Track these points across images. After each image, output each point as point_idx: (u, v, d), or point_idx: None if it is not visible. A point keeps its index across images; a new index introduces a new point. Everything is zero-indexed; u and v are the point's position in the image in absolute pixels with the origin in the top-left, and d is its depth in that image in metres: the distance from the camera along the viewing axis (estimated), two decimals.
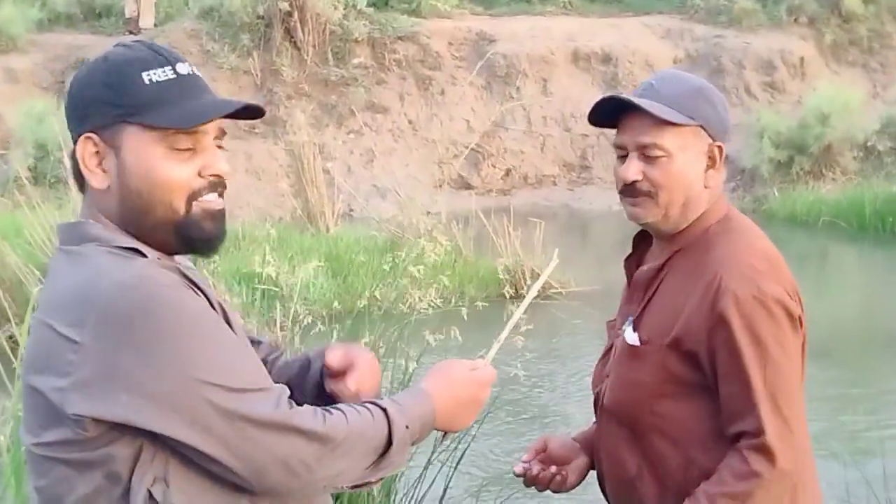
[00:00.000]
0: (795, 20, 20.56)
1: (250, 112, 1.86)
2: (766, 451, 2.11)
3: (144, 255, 1.73)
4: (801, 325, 2.27)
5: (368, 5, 19.32)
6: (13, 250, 8.35)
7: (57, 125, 12.84)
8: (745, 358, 2.13)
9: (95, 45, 18.44)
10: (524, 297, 2.35)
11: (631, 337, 2.28)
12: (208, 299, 1.77)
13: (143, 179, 1.74)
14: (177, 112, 1.73)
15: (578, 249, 13.23)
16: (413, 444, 1.89)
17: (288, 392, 1.74)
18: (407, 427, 1.83)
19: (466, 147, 18.67)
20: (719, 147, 2.26)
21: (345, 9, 18.72)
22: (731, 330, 2.13)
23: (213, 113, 1.78)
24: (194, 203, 1.77)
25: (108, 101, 1.73)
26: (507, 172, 18.84)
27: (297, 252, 10.00)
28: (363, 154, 17.94)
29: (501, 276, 10.19)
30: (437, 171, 18.35)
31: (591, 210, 16.61)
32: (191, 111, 1.75)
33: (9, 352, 4.97)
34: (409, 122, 18.64)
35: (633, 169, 2.23)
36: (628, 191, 2.26)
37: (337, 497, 4.21)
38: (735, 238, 2.25)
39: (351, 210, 14.89)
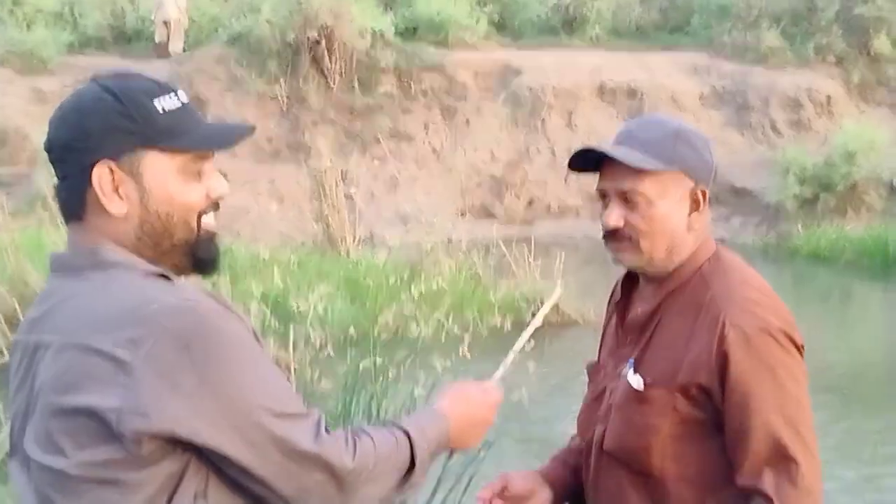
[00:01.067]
0: (823, 59, 20.56)
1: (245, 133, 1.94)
2: (805, 490, 2.09)
3: (170, 280, 1.78)
4: (802, 353, 2.22)
5: (396, 35, 19.46)
6: (35, 268, 8.40)
7: None
8: (762, 394, 2.10)
9: (125, 69, 18.63)
10: (543, 324, 2.36)
11: (636, 381, 2.23)
12: (244, 323, 1.83)
13: (166, 202, 1.77)
14: (196, 137, 1.79)
15: (600, 279, 13.17)
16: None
17: (322, 417, 1.80)
18: (426, 448, 1.92)
19: (490, 176, 18.71)
20: (703, 191, 2.22)
21: (372, 38, 18.86)
22: (743, 366, 2.10)
23: (238, 137, 1.87)
24: (201, 224, 1.83)
25: (127, 129, 1.75)
26: (530, 202, 18.86)
27: (315, 276, 10.01)
28: (386, 181, 18.01)
29: (518, 304, 10.18)
30: (459, 199, 18.39)
31: None
32: (210, 136, 1.82)
33: None
34: (433, 150, 18.71)
35: (615, 215, 2.21)
36: (611, 236, 2.24)
37: None
38: (729, 275, 2.22)
39: (372, 236, 14.92)
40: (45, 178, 14.18)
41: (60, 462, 1.66)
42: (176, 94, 1.80)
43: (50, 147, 1.81)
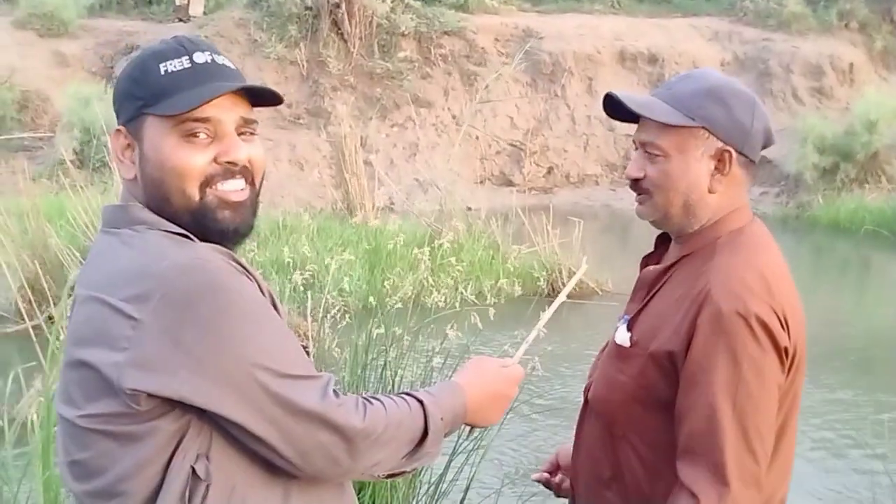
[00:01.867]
0: (846, 25, 20.38)
1: (269, 98, 1.85)
2: (723, 492, 1.99)
3: (192, 240, 1.77)
4: (792, 358, 2.10)
5: None
6: (56, 233, 8.46)
7: (103, 109, 13.00)
8: (716, 376, 2.01)
9: (145, 32, 18.65)
10: (558, 294, 2.34)
11: (622, 336, 2.23)
12: (259, 285, 1.80)
13: (158, 168, 1.76)
14: (182, 99, 1.74)
15: (618, 250, 13.21)
16: (445, 435, 1.94)
17: (334, 380, 1.78)
18: (441, 419, 1.89)
19: (509, 144, 18.68)
20: (728, 151, 2.16)
21: (392, 2, 18.81)
22: (707, 344, 2.03)
23: (208, 95, 1.75)
24: (208, 190, 1.78)
25: (131, 93, 1.78)
26: (550, 170, 18.83)
27: (335, 243, 10.05)
28: (406, 148, 18.00)
29: (537, 274, 10.20)
30: (479, 167, 18.38)
31: (631, 210, 16.32)
32: (193, 96, 1.75)
33: (46, 332, 5.02)
34: (453, 116, 18.67)
35: (635, 165, 2.20)
36: (633, 187, 2.23)
37: (361, 488, 4.25)
38: (738, 252, 2.14)
39: (392, 203, 14.94)
40: (66, 143, 14.26)
41: (72, 412, 1.71)
42: (189, 56, 1.77)
43: None
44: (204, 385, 1.63)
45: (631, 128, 2.25)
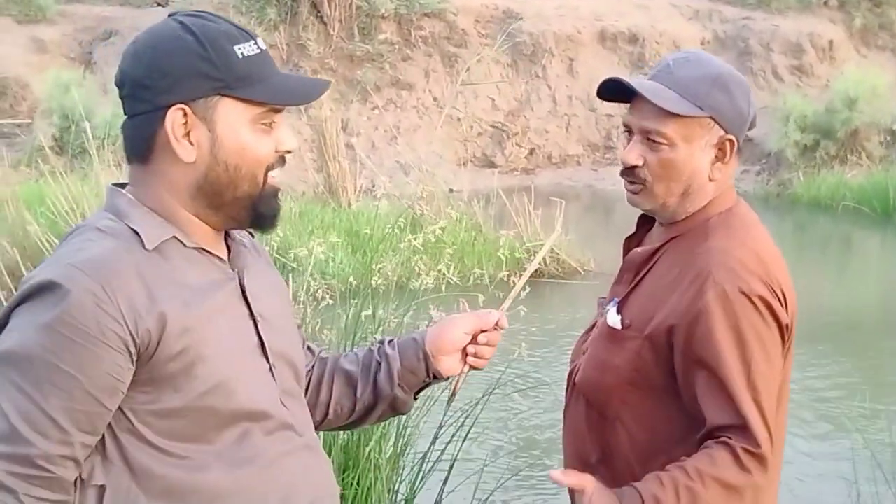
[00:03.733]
0: (825, 3, 20.43)
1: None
2: (758, 456, 2.01)
3: (142, 245, 1.71)
4: (789, 333, 2.13)
5: None
6: (35, 219, 8.42)
7: (82, 96, 12.93)
8: (726, 353, 2.02)
9: (123, 17, 18.54)
10: (543, 275, 2.33)
11: (613, 319, 2.21)
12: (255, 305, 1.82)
13: (235, 153, 1.73)
14: (273, 88, 1.74)
15: (600, 230, 13.22)
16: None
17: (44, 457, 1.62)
18: None
19: (491, 125, 18.66)
20: (731, 140, 2.15)
21: None
22: (713, 323, 2.03)
23: (316, 93, 1.80)
24: (267, 177, 1.78)
25: (205, 73, 1.70)
26: (531, 151, 18.83)
27: (317, 227, 10.04)
28: (387, 130, 17.97)
29: (520, 255, 10.21)
30: (461, 148, 18.37)
31: (614, 191, 16.52)
32: (287, 89, 1.76)
33: None
34: (434, 99, 18.64)
35: (635, 153, 2.15)
36: (628, 174, 2.18)
37: (345, 469, 4.26)
38: (732, 233, 2.13)
39: (374, 186, 14.94)
40: (45, 130, 14.18)
41: None
42: (255, 41, 1.75)
43: (121, 82, 1.77)
44: None
45: (613, 107, 2.23)
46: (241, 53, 1.72)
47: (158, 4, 19.29)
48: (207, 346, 1.72)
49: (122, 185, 1.84)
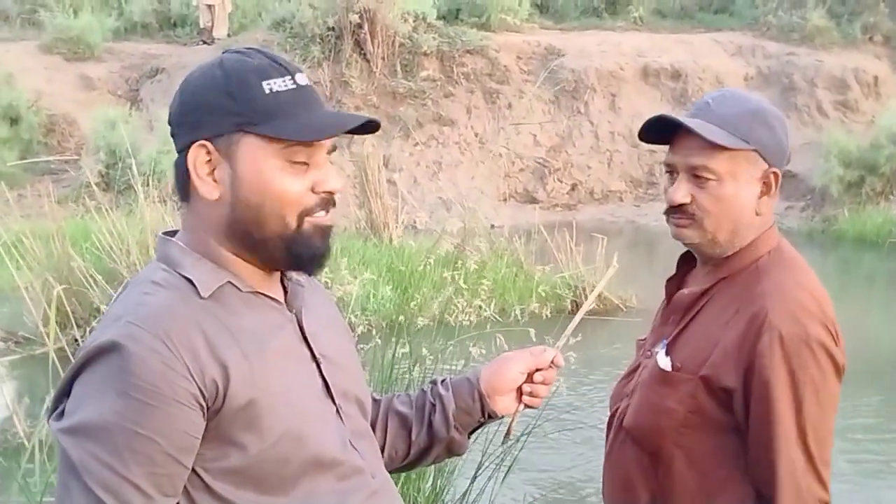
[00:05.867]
0: (870, 38, 20.30)
1: (366, 127, 1.76)
2: (786, 496, 2.03)
3: (195, 287, 1.70)
4: (841, 375, 2.11)
5: (438, 18, 19.45)
6: (81, 255, 8.50)
7: (128, 132, 13.08)
8: (781, 401, 2.02)
9: (170, 55, 18.79)
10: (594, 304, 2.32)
11: (663, 361, 2.19)
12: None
13: (257, 191, 1.68)
14: (297, 124, 1.67)
15: (642, 266, 13.14)
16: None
17: None
18: None
19: (533, 161, 18.67)
20: (775, 173, 2.15)
21: (414, 21, 18.86)
22: (770, 370, 2.02)
23: (336, 129, 1.71)
24: (306, 219, 1.71)
25: (226, 109, 1.67)
26: (573, 187, 18.80)
27: (358, 263, 10.06)
28: (429, 166, 18.02)
29: (561, 292, 10.17)
30: (502, 184, 18.37)
31: (656, 227, 16.47)
32: (312, 124, 1.68)
33: (70, 355, 5.06)
34: (476, 134, 18.68)
35: (682, 191, 2.14)
36: (675, 212, 2.17)
37: None
38: (786, 273, 2.12)
39: (415, 222, 14.96)
40: (91, 166, 14.35)
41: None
42: (292, 77, 1.69)
43: (168, 120, 1.76)
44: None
45: (654, 144, 2.22)
46: (270, 89, 1.67)
47: (204, 42, 19.53)
48: (273, 395, 1.67)
49: (173, 233, 1.80)
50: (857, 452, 6.62)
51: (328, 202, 1.74)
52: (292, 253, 1.73)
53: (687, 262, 2.34)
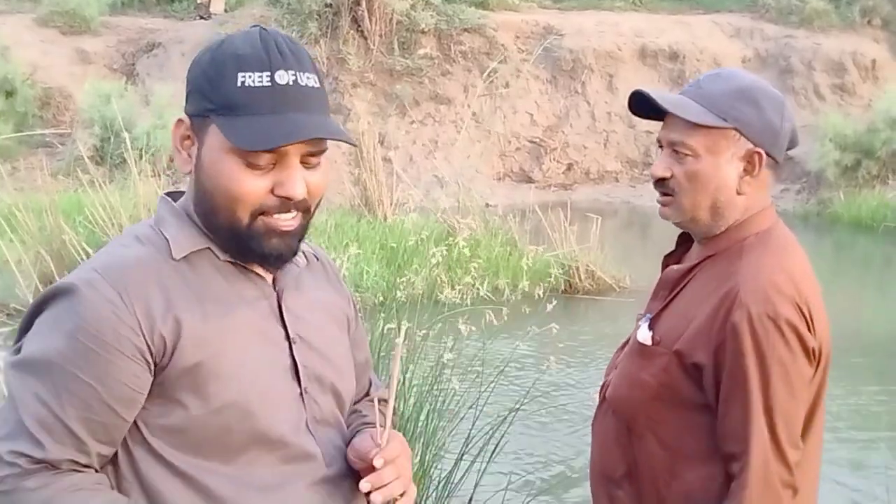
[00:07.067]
0: (868, 22, 20.23)
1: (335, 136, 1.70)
2: (752, 473, 2.03)
3: (170, 248, 1.71)
4: (819, 358, 2.11)
5: None
6: (74, 229, 8.49)
7: (123, 106, 13.03)
8: (749, 379, 2.02)
9: (167, 29, 18.72)
10: (577, 291, 2.32)
11: (643, 335, 2.21)
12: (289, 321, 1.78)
13: (212, 181, 1.68)
14: (251, 128, 1.61)
15: (637, 246, 13.16)
16: None
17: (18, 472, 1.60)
18: None
19: (529, 140, 18.64)
20: (759, 153, 2.15)
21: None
22: (737, 346, 2.03)
23: (282, 140, 1.62)
24: (260, 217, 1.68)
25: (202, 91, 1.67)
26: (569, 167, 18.78)
27: (352, 239, 10.06)
28: (425, 144, 17.99)
29: (553, 270, 10.17)
30: (498, 163, 18.36)
31: (651, 207, 16.32)
32: (267, 130, 1.61)
33: None
34: (473, 113, 18.64)
35: (662, 165, 2.18)
36: (659, 186, 2.21)
37: None
38: (766, 253, 2.13)
39: (410, 199, 14.95)
40: (85, 140, 14.31)
41: None
42: (270, 74, 1.63)
43: None
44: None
45: (652, 125, 2.24)
46: (242, 82, 1.63)
47: (201, 17, 19.44)
48: (224, 364, 1.67)
49: (180, 194, 1.83)
50: (846, 431, 6.65)
51: (287, 206, 1.69)
52: (241, 247, 1.73)
53: (687, 239, 2.36)
